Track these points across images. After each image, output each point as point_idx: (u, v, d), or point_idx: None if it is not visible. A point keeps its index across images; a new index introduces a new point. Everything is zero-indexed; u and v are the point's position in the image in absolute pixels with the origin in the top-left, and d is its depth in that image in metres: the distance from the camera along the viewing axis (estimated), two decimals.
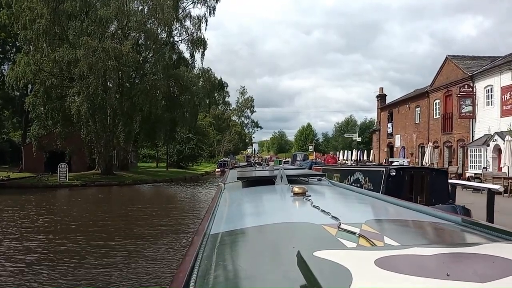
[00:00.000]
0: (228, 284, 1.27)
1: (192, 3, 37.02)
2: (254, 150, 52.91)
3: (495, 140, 22.97)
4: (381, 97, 45.21)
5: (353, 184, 13.11)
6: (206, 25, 38.05)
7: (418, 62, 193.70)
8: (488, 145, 23.50)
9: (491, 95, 24.80)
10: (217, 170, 53.47)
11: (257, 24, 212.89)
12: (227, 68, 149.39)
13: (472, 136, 26.15)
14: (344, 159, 50.21)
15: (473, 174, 23.33)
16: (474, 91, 25.88)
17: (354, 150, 53.04)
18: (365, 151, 51.29)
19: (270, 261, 1.44)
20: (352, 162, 38.30)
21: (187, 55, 39.20)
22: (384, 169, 11.57)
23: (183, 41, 39.06)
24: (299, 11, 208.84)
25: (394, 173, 11.15)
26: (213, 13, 37.40)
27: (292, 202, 2.59)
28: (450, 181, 12.15)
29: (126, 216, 15.19)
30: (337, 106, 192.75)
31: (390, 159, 20.96)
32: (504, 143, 20.65)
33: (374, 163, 40.24)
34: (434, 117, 31.34)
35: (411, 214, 2.33)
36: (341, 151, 56.36)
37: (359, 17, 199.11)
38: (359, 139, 38.55)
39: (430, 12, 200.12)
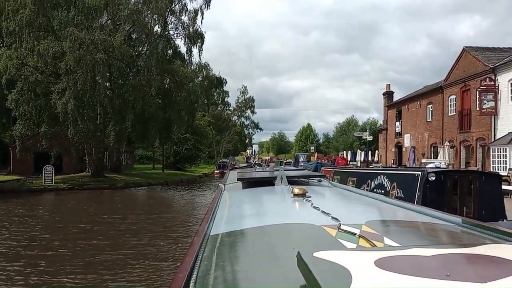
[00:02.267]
0: (228, 285, 1.26)
1: None
2: (254, 151, 50.92)
3: None
4: (388, 94, 42.89)
5: (375, 190, 10.83)
6: (202, 18, 35.96)
7: (417, 63, 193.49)
8: None
9: None
10: (216, 171, 51.46)
11: (255, 25, 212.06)
12: (225, 69, 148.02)
13: (494, 135, 23.86)
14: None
15: None
16: (497, 85, 23.61)
17: (358, 150, 50.80)
18: (369, 152, 48.86)
19: (270, 262, 1.44)
20: (361, 164, 35.94)
21: (183, 50, 37.08)
22: (419, 172, 9.30)
23: (179, 35, 36.94)
24: (297, 13, 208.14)
25: (433, 178, 8.87)
26: (209, 5, 35.31)
27: (292, 203, 2.58)
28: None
29: (97, 232, 12.28)
30: (336, 107, 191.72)
31: (424, 160, 18.31)
32: None
33: (380, 164, 38.00)
34: (449, 114, 29.02)
35: (411, 215, 2.34)
36: (343, 152, 53.97)
37: (357, 18, 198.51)
38: (370, 138, 36.10)
39: (427, 12, 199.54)
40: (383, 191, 10.58)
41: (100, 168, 32.40)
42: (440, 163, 11.68)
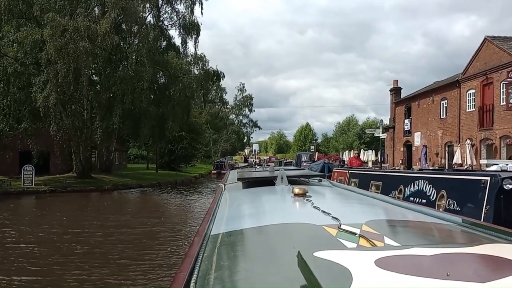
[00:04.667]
0: (228, 285, 1.25)
1: None
2: (255, 150, 48.73)
3: None
4: (396, 90, 40.30)
5: (411, 199, 8.36)
6: (202, 8, 33.50)
7: (413, 62, 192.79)
8: None
9: None
10: (213, 172, 49.09)
11: (251, 24, 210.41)
12: (221, 68, 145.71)
13: None
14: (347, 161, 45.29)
15: None
16: None
17: (361, 150, 48.46)
18: (372, 151, 46.51)
19: (271, 261, 1.43)
20: (373, 165, 33.50)
21: (178, 41, 34.59)
22: (488, 178, 6.75)
23: (173, 25, 34.48)
24: (293, 11, 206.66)
25: (510, 186, 6.40)
26: None
27: (292, 203, 2.58)
28: None
29: (39, 259, 8.69)
30: (332, 106, 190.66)
31: (484, 161, 15.27)
32: None
33: (387, 164, 35.61)
34: (467, 110, 26.60)
35: (411, 215, 2.34)
36: (357, 150, 51.72)
37: (353, 16, 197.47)
38: (383, 136, 33.56)
39: (423, 11, 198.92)
40: (424, 201, 8.09)
41: (87, 168, 29.88)
42: (507, 164, 8.97)
